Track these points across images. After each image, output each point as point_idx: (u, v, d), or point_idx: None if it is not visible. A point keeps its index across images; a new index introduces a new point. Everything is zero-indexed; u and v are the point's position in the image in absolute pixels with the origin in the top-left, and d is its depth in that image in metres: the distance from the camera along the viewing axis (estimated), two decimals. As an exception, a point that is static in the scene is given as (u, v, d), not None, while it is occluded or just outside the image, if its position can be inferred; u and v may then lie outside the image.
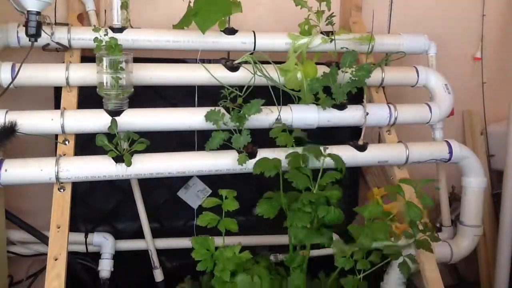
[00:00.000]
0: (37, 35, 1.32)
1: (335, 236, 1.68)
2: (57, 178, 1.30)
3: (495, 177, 2.10)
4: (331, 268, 1.31)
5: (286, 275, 1.19)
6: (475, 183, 1.67)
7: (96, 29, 1.40)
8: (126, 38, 1.47)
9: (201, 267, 1.22)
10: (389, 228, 1.20)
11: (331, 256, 1.65)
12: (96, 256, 1.57)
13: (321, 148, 1.27)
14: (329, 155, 1.23)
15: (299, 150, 1.36)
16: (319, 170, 1.24)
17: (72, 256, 1.48)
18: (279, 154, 1.39)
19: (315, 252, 1.60)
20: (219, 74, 1.48)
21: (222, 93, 1.40)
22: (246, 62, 1.50)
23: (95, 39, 1.33)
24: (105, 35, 1.36)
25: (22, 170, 1.29)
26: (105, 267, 1.54)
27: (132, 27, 1.52)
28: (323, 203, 1.17)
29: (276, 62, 1.49)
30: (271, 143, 1.42)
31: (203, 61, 1.49)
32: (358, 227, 1.20)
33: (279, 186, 1.22)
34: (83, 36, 1.46)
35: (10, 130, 1.31)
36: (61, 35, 1.44)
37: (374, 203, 1.65)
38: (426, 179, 1.29)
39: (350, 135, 1.72)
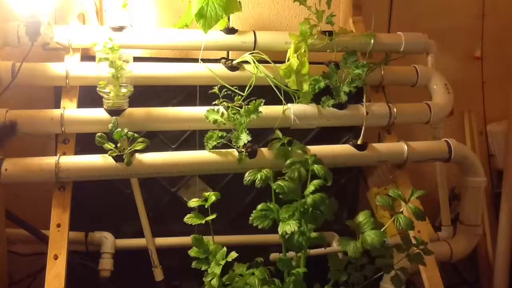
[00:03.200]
0: (36, 34, 1.33)
1: (336, 237, 1.69)
2: (57, 177, 1.30)
3: (495, 177, 2.10)
4: (324, 266, 1.32)
5: (281, 286, 1.20)
6: (474, 182, 1.67)
7: (96, 29, 1.40)
8: (126, 38, 1.47)
9: (197, 266, 1.24)
10: (382, 238, 1.20)
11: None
12: (96, 256, 1.57)
13: (308, 159, 1.28)
14: (314, 166, 1.25)
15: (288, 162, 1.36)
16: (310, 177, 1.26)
17: (72, 256, 1.48)
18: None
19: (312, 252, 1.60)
20: (219, 74, 1.48)
21: (222, 92, 1.41)
22: (246, 62, 1.50)
23: (94, 39, 1.33)
24: (104, 34, 1.36)
25: (22, 169, 1.30)
26: (105, 267, 1.54)
27: (132, 26, 1.52)
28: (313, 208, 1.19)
29: (275, 62, 1.49)
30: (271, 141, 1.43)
31: (203, 61, 1.49)
32: (347, 240, 1.21)
33: (273, 198, 1.24)
34: (83, 36, 1.46)
35: (10, 129, 1.31)
36: (61, 35, 1.44)
37: (372, 205, 1.66)
38: (418, 190, 1.28)
39: (350, 134, 1.72)
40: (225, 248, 1.25)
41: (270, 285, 1.19)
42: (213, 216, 1.26)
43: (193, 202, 1.28)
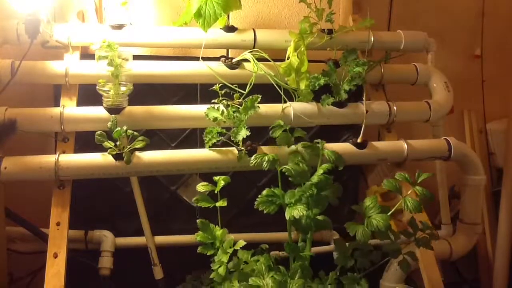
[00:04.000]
0: (36, 32, 1.33)
1: (336, 236, 1.69)
2: (57, 175, 1.30)
3: (495, 175, 2.10)
4: (330, 267, 1.32)
5: (287, 273, 1.19)
6: (474, 180, 1.66)
7: (95, 27, 1.40)
8: (125, 36, 1.47)
9: (202, 251, 1.24)
10: (388, 221, 1.19)
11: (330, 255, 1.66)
12: (96, 254, 1.57)
13: (320, 143, 1.28)
14: (325, 152, 1.25)
15: (299, 147, 1.37)
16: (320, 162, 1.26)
17: (72, 254, 1.48)
18: (278, 152, 1.39)
19: (314, 250, 1.61)
20: (219, 72, 1.48)
21: (222, 90, 1.41)
22: (245, 60, 1.50)
23: (94, 38, 1.33)
24: (104, 33, 1.35)
25: (21, 168, 1.29)
26: (105, 265, 1.55)
27: (131, 24, 1.52)
28: (318, 191, 1.19)
29: (275, 60, 1.49)
30: (271, 140, 1.42)
31: (202, 59, 1.49)
32: (354, 224, 1.21)
33: (279, 184, 1.23)
34: (82, 34, 1.46)
35: (9, 127, 1.31)
36: (60, 33, 1.44)
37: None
38: (424, 173, 1.28)
39: (349, 132, 1.72)
40: (232, 237, 1.26)
41: (276, 272, 1.19)
42: (224, 203, 1.26)
43: (202, 187, 1.28)
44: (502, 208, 1.96)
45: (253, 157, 1.24)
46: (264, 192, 1.22)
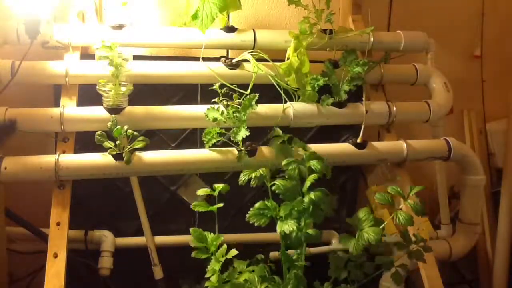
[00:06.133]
0: (36, 33, 1.33)
1: (335, 235, 1.70)
2: (57, 175, 1.30)
3: (495, 175, 2.10)
4: (325, 263, 1.32)
5: (281, 283, 1.20)
6: (474, 181, 1.67)
7: (95, 27, 1.40)
8: (125, 36, 1.47)
9: (196, 255, 1.24)
10: (380, 235, 1.20)
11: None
12: (96, 254, 1.57)
13: (305, 157, 1.28)
14: (310, 162, 1.25)
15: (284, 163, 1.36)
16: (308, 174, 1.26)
17: (72, 254, 1.49)
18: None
19: (313, 250, 1.61)
20: (219, 72, 1.48)
21: (222, 90, 1.41)
22: (245, 61, 1.50)
23: (94, 38, 1.33)
24: (104, 33, 1.36)
25: (22, 168, 1.30)
26: (105, 265, 1.55)
27: (131, 25, 1.52)
28: (310, 206, 1.19)
29: (274, 60, 1.49)
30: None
31: (202, 59, 1.49)
32: (348, 237, 1.21)
33: (269, 196, 1.24)
34: (82, 34, 1.46)
35: (9, 127, 1.31)
36: (61, 33, 1.44)
37: (368, 207, 1.66)
38: (416, 186, 1.28)
39: (349, 133, 1.72)
40: (225, 245, 1.26)
41: (270, 282, 1.19)
42: (221, 205, 1.26)
43: (202, 191, 1.28)
44: (501, 209, 1.96)
45: (241, 174, 1.24)
46: (257, 205, 1.23)
